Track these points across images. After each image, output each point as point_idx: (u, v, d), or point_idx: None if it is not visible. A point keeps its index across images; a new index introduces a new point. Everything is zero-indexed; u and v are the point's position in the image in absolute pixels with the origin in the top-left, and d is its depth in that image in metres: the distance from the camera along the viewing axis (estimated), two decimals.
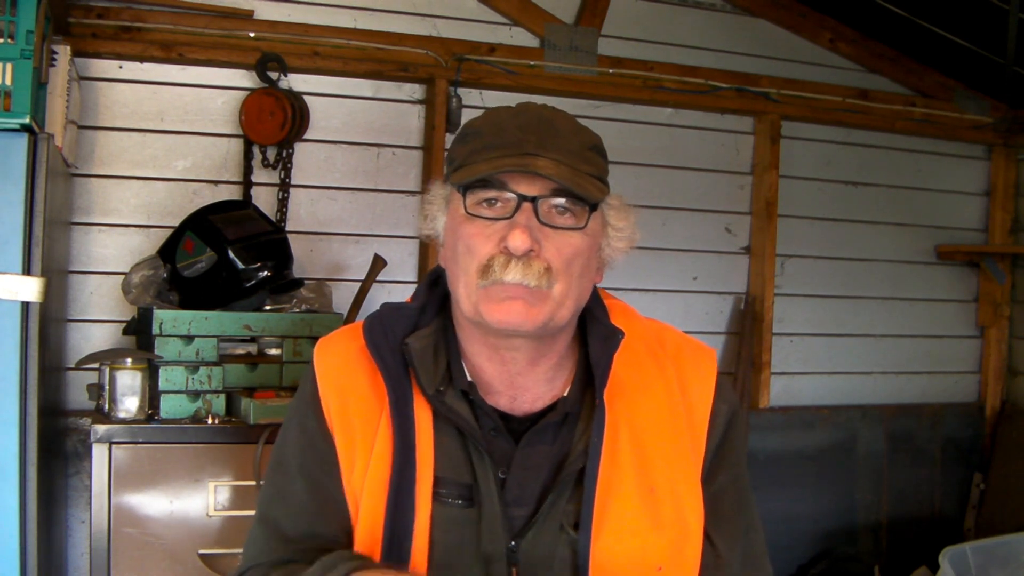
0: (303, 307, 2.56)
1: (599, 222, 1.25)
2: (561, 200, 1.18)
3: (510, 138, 1.19)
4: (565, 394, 1.28)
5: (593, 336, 1.28)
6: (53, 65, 2.25)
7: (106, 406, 2.27)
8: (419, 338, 1.26)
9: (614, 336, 1.27)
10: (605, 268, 1.30)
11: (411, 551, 1.20)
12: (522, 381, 1.26)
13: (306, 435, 1.29)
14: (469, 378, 1.27)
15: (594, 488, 1.21)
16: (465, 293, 1.21)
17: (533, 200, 1.17)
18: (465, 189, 1.20)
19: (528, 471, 1.24)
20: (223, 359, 2.37)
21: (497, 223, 1.18)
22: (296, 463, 1.28)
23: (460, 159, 1.23)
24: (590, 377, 1.27)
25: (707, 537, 1.27)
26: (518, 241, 1.15)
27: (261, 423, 2.21)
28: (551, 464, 1.25)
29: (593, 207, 1.21)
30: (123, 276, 2.50)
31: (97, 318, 2.77)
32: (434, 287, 1.33)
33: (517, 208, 1.17)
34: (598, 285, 1.32)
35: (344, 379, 1.28)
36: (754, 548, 1.34)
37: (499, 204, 1.19)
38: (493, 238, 1.18)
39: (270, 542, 1.27)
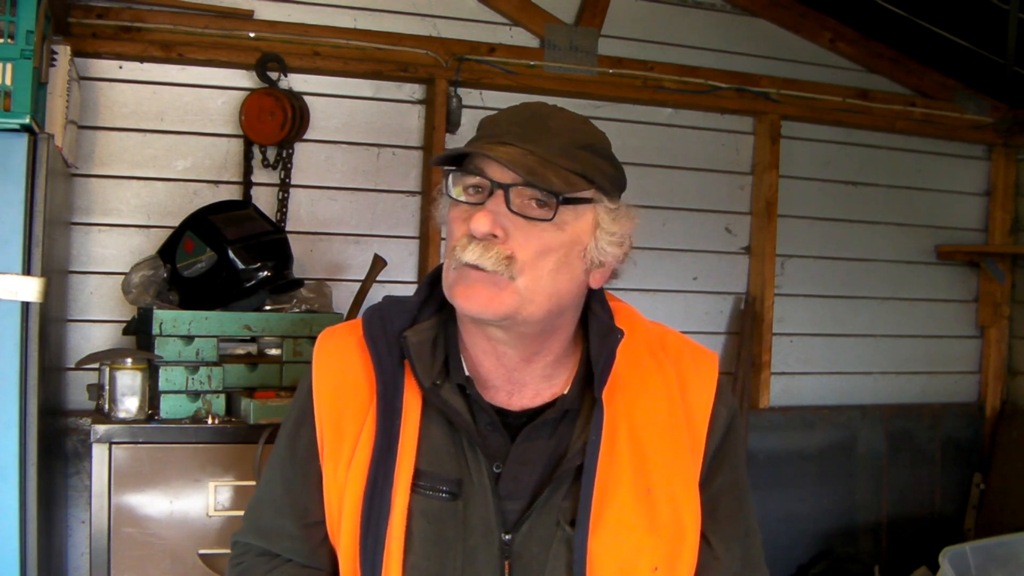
0: (303, 307, 2.56)
1: (588, 221, 1.22)
2: (536, 191, 1.18)
3: (499, 130, 1.21)
4: (565, 391, 1.28)
5: (593, 334, 1.29)
6: (53, 65, 2.25)
7: (106, 406, 2.27)
8: (418, 332, 1.28)
9: (613, 335, 1.28)
10: (607, 273, 1.28)
11: (386, 541, 1.21)
12: (519, 376, 1.27)
13: (291, 432, 1.35)
14: (467, 372, 1.28)
15: (592, 485, 1.22)
16: (444, 277, 1.24)
17: (505, 188, 1.18)
18: (450, 175, 1.23)
19: (524, 466, 1.25)
20: (223, 359, 2.37)
21: (472, 208, 1.20)
22: (279, 456, 1.36)
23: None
24: (591, 375, 1.28)
25: (705, 539, 1.28)
26: (478, 223, 1.17)
27: (261, 423, 2.21)
28: (548, 459, 1.25)
29: (568, 201, 1.19)
30: (123, 276, 2.50)
31: (97, 318, 2.77)
32: (437, 282, 1.34)
33: (490, 194, 1.19)
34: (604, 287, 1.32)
35: (339, 371, 1.31)
36: (751, 551, 1.35)
37: (480, 192, 1.21)
38: (466, 222, 1.20)
39: (252, 522, 1.38)
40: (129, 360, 2.25)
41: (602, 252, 1.24)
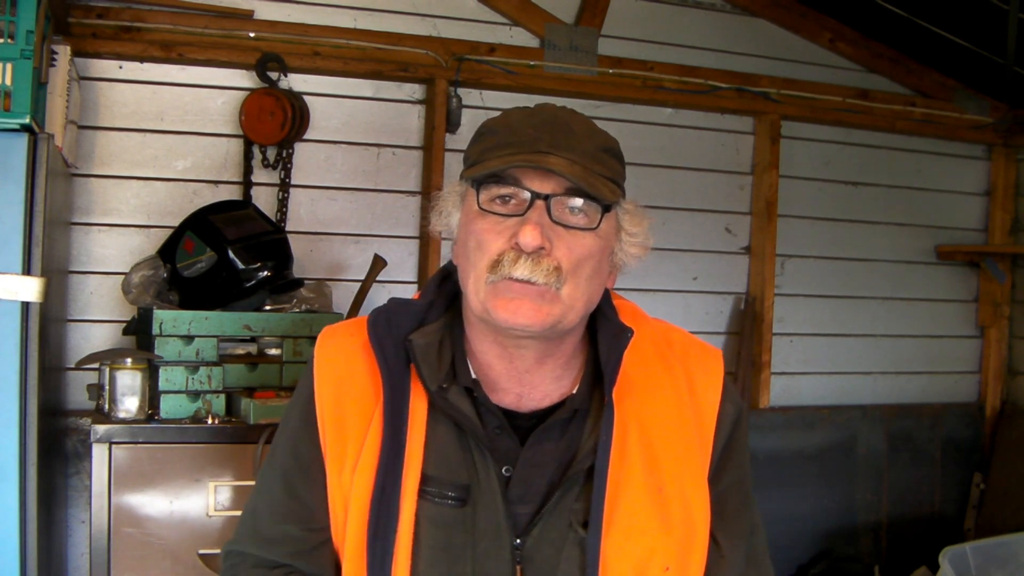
0: (303, 307, 2.56)
1: (613, 225, 1.25)
2: (576, 201, 1.19)
3: (524, 136, 1.19)
4: (574, 391, 1.28)
5: (603, 334, 1.29)
6: (53, 65, 2.25)
7: (106, 406, 2.27)
8: (424, 334, 1.27)
9: (624, 334, 1.28)
10: (618, 272, 1.30)
11: (394, 548, 1.20)
12: (530, 378, 1.27)
13: (293, 434, 1.32)
14: (474, 375, 1.27)
15: (604, 486, 1.21)
16: (474, 289, 1.21)
17: (546, 198, 1.17)
18: (479, 185, 1.21)
19: (534, 468, 1.24)
20: (223, 359, 2.37)
21: (509, 219, 1.19)
22: (279, 460, 1.33)
23: (474, 156, 1.24)
24: (599, 375, 1.28)
25: (711, 537, 1.28)
26: (529, 237, 1.15)
27: (261, 423, 2.21)
28: (558, 462, 1.25)
29: (607, 209, 1.21)
30: (123, 276, 2.50)
31: (97, 318, 2.77)
32: (443, 284, 1.34)
33: (530, 205, 1.18)
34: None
35: (342, 372, 1.29)
36: (757, 548, 1.35)
37: (513, 202, 1.19)
38: (504, 234, 1.18)
39: (248, 531, 1.33)
40: (129, 360, 2.25)
41: (625, 254, 1.28)
